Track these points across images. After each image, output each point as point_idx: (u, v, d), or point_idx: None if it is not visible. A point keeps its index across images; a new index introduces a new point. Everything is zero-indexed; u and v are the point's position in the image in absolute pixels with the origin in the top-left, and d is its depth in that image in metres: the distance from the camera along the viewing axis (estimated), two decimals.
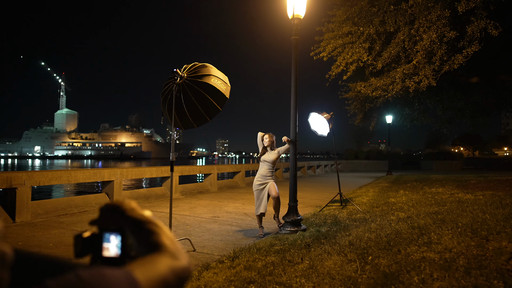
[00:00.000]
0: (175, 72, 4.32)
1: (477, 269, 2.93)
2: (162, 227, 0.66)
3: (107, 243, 0.64)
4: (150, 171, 9.33)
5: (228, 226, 5.92)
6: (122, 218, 0.66)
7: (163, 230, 0.66)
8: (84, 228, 4.04)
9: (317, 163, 23.82)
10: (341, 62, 10.00)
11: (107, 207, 0.68)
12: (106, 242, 0.64)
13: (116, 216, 0.67)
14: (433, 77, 8.52)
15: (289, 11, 5.64)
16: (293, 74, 5.67)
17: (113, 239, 0.64)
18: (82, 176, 7.38)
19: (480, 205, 6.24)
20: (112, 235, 0.65)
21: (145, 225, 0.65)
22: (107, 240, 0.65)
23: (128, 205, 0.68)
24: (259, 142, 5.56)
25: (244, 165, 14.03)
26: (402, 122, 15.19)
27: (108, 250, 0.64)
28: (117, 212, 0.67)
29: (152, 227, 0.65)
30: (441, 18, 7.82)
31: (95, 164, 73.23)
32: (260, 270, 3.34)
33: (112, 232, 0.65)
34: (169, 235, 0.65)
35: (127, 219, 0.66)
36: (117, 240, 0.64)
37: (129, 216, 0.66)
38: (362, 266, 3.30)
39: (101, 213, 0.68)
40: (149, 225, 0.65)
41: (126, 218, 0.66)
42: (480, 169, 31.30)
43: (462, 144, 62.56)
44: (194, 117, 4.63)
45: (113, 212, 0.67)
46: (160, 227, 0.66)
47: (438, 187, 10.55)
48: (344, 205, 7.66)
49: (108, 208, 0.68)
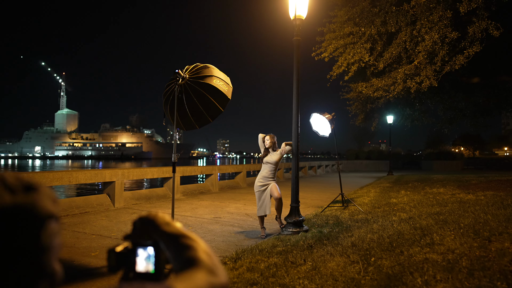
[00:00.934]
0: (177, 73, 4.32)
1: (480, 270, 2.92)
2: (198, 241, 0.65)
3: (141, 258, 0.64)
4: (152, 172, 9.33)
5: (230, 227, 5.92)
6: (156, 232, 0.65)
7: (199, 244, 0.64)
8: (86, 230, 4.03)
9: (318, 163, 23.82)
10: (342, 62, 10.01)
11: (140, 221, 0.67)
12: (140, 257, 0.64)
13: (150, 230, 0.66)
14: (434, 77, 8.51)
15: (291, 11, 5.64)
16: (295, 74, 5.67)
17: (147, 254, 0.64)
18: (83, 177, 7.38)
19: (482, 206, 6.23)
20: (146, 250, 0.64)
21: (180, 239, 0.64)
22: (140, 255, 0.64)
23: (162, 219, 0.67)
24: (260, 144, 5.56)
25: (246, 165, 14.02)
26: (403, 122, 15.19)
27: (142, 265, 0.64)
28: (151, 226, 0.66)
29: (187, 242, 0.63)
30: (443, 18, 7.82)
31: (96, 165, 73.29)
32: (263, 271, 3.34)
33: (146, 247, 0.64)
34: (206, 250, 0.64)
35: (162, 234, 0.65)
36: (151, 255, 0.64)
37: (164, 230, 0.65)
38: (365, 267, 3.30)
39: (134, 227, 0.67)
40: (185, 240, 0.64)
41: (161, 232, 0.65)
42: (480, 169, 31.30)
43: (462, 144, 62.55)
44: (196, 118, 4.63)
45: (147, 227, 0.66)
46: (196, 241, 0.64)
47: (439, 187, 10.54)
48: (345, 206, 7.65)
49: (142, 222, 0.67)
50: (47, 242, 0.54)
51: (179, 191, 9.82)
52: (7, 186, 0.52)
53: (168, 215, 0.69)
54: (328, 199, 9.20)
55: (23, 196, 0.52)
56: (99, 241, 4.80)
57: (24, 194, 0.52)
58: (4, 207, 0.49)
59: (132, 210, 7.42)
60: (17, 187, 0.53)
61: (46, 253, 0.54)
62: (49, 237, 0.54)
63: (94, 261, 3.94)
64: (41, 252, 0.53)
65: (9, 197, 0.51)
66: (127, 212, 7.23)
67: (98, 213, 6.96)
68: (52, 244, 0.55)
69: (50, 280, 0.54)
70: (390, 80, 9.42)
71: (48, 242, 0.54)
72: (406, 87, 9.23)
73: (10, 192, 0.51)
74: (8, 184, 0.52)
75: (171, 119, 4.54)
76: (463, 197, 7.91)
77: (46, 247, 0.54)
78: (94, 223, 6.03)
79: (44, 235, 0.53)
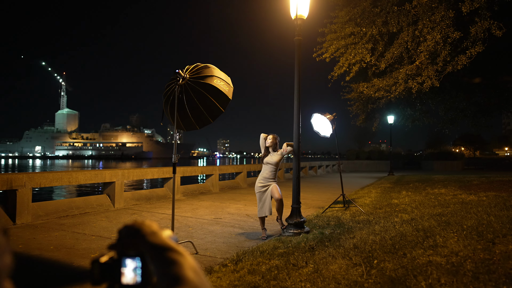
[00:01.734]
0: (178, 73, 4.28)
1: (485, 274, 2.88)
2: (185, 256, 0.60)
3: (127, 269, 0.60)
4: (152, 172, 9.29)
5: (231, 228, 5.87)
6: (141, 243, 0.61)
7: (187, 259, 0.60)
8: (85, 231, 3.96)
9: (318, 164, 23.78)
10: (343, 63, 9.96)
11: (125, 230, 0.63)
12: (125, 268, 0.60)
13: (136, 240, 0.62)
14: (436, 78, 8.47)
15: (292, 11, 5.60)
16: (296, 74, 5.63)
17: (133, 265, 0.60)
18: (83, 177, 7.34)
19: (484, 207, 6.19)
20: (132, 261, 0.60)
21: (166, 253, 0.60)
22: (126, 266, 0.60)
23: (148, 228, 0.63)
24: (262, 144, 5.51)
25: (246, 165, 13.97)
26: (403, 122, 15.13)
27: (129, 277, 0.60)
28: (137, 235, 0.62)
29: (174, 256, 0.59)
30: (445, 18, 7.77)
31: (96, 164, 73.24)
32: (264, 274, 3.29)
33: (132, 258, 0.60)
34: (193, 266, 0.59)
35: (147, 244, 0.61)
36: (138, 266, 0.60)
37: (149, 241, 0.61)
38: (367, 270, 3.25)
39: (120, 237, 0.63)
40: (171, 254, 0.59)
41: (146, 243, 0.61)
42: (481, 169, 31.23)
43: (463, 144, 62.48)
44: (196, 119, 4.58)
45: (133, 236, 0.62)
46: (183, 255, 0.60)
47: (441, 188, 10.49)
48: (347, 207, 7.61)
49: (127, 231, 0.63)
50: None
51: (179, 191, 9.77)
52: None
53: (155, 223, 0.65)
54: (329, 199, 9.16)
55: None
56: (99, 242, 4.76)
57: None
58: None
59: (132, 211, 7.38)
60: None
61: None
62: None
63: None
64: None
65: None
66: (127, 212, 7.19)
67: (98, 214, 6.92)
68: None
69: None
70: (392, 80, 9.37)
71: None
72: (407, 87, 9.18)
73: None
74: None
75: (171, 120, 4.50)
76: (465, 198, 7.86)
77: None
78: (94, 224, 5.99)
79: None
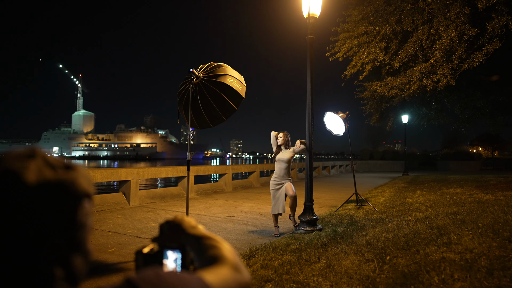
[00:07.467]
0: (192, 72, 4.35)
1: (500, 270, 2.86)
2: (222, 242, 0.68)
3: (168, 260, 0.68)
4: (166, 171, 9.43)
5: (244, 225, 5.93)
6: (183, 235, 0.69)
7: (224, 244, 0.68)
8: (102, 227, 4.11)
9: (331, 164, 23.66)
10: (357, 62, 9.92)
11: (167, 225, 0.71)
12: (167, 259, 0.68)
13: (177, 233, 0.70)
14: (451, 76, 8.35)
15: (305, 10, 5.63)
16: (309, 73, 5.65)
17: (174, 257, 0.68)
18: (100, 175, 7.52)
19: (501, 206, 6.08)
20: (173, 253, 0.68)
21: (205, 240, 0.68)
22: (167, 257, 0.68)
23: (188, 223, 0.71)
24: (273, 141, 5.55)
25: (259, 165, 14.02)
26: (418, 121, 14.93)
27: (170, 267, 0.67)
28: (178, 229, 0.70)
29: (212, 242, 0.67)
30: (461, 15, 7.66)
31: (111, 165, 74.43)
32: (276, 268, 3.34)
33: (173, 250, 0.68)
34: (230, 249, 0.67)
35: (188, 236, 0.69)
36: (178, 257, 0.67)
37: (190, 233, 0.69)
38: (380, 265, 3.26)
39: (162, 231, 0.71)
40: (210, 241, 0.68)
41: (187, 235, 0.69)
42: (500, 170, 30.52)
43: (480, 144, 61.02)
44: (210, 117, 4.66)
45: (174, 230, 0.70)
46: (220, 242, 0.68)
47: (457, 187, 10.32)
48: (360, 205, 7.58)
49: (168, 225, 0.71)
50: (83, 219, 0.56)
51: (193, 190, 9.89)
52: (48, 163, 0.54)
53: (193, 219, 0.73)
54: (342, 198, 9.13)
55: (64, 173, 0.54)
56: (115, 238, 4.88)
57: (64, 171, 0.55)
58: (47, 181, 0.52)
59: (147, 209, 7.52)
60: (58, 165, 0.55)
61: (82, 231, 0.56)
62: (84, 215, 0.56)
63: (111, 257, 4.01)
64: (77, 228, 0.55)
65: (51, 172, 0.53)
66: (142, 210, 7.33)
67: (114, 211, 7.07)
68: (87, 223, 0.57)
69: (83, 258, 0.56)
70: (406, 79, 9.28)
71: (84, 220, 0.56)
72: (422, 86, 9.08)
73: (52, 169, 0.54)
74: (49, 161, 0.55)
75: (186, 118, 4.59)
76: (481, 197, 7.73)
77: (82, 224, 0.56)
78: (111, 220, 6.14)
79: (80, 213, 0.55)
